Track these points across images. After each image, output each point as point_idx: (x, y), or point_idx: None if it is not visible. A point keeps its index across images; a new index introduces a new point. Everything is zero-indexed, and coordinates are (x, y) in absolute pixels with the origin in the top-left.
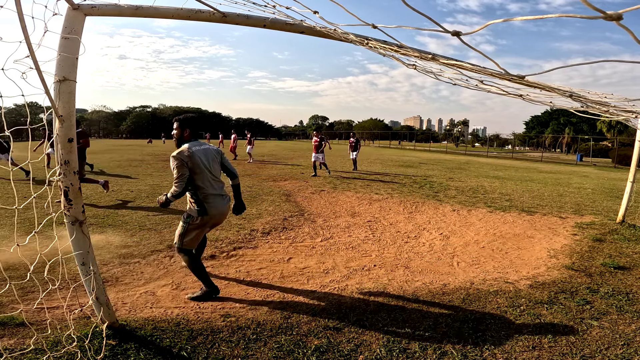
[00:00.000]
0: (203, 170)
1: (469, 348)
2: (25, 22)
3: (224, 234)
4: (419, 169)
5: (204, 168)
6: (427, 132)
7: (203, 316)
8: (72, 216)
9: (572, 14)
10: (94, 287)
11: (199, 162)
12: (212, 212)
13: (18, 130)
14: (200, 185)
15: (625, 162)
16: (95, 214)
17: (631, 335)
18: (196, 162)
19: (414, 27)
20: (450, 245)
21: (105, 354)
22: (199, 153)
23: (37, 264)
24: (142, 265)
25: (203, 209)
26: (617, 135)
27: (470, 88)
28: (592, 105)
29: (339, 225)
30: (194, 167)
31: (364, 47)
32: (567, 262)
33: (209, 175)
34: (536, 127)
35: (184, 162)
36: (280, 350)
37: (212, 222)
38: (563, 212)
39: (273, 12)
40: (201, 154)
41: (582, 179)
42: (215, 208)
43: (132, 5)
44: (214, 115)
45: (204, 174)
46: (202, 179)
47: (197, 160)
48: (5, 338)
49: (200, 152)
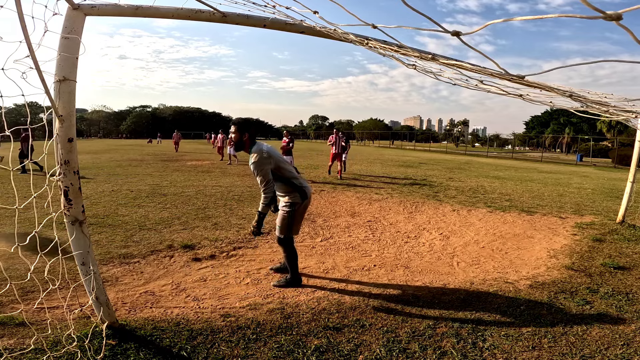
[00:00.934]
0: (284, 161)
1: (469, 348)
2: (25, 21)
3: (224, 234)
4: (419, 169)
5: (283, 159)
6: (427, 132)
7: (203, 316)
8: (72, 216)
9: (572, 14)
10: (93, 287)
11: (277, 156)
12: (309, 194)
13: (18, 130)
14: (290, 176)
15: (625, 162)
16: (95, 214)
17: (631, 335)
18: (276, 157)
19: (413, 27)
20: (450, 245)
21: (105, 353)
22: (271, 149)
23: (37, 264)
24: (142, 265)
25: (303, 193)
26: (617, 135)
27: (470, 88)
28: (592, 105)
29: (338, 225)
30: (278, 162)
31: (364, 47)
32: (567, 262)
33: (288, 164)
34: (536, 127)
35: (266, 165)
36: (280, 350)
37: (308, 204)
38: (563, 212)
39: (273, 12)
40: (272, 149)
41: (582, 179)
42: (309, 189)
43: (132, 5)
44: (214, 115)
45: (286, 164)
46: (289, 169)
47: (276, 155)
48: (5, 338)
49: (271, 148)
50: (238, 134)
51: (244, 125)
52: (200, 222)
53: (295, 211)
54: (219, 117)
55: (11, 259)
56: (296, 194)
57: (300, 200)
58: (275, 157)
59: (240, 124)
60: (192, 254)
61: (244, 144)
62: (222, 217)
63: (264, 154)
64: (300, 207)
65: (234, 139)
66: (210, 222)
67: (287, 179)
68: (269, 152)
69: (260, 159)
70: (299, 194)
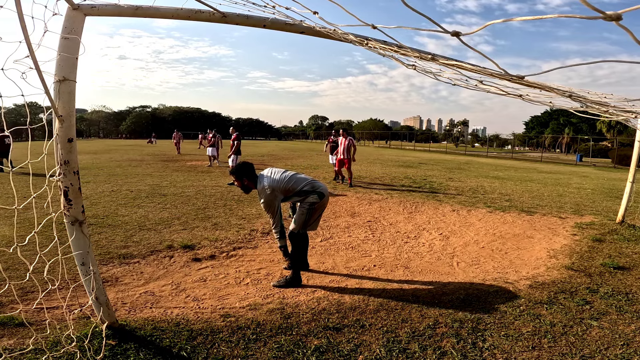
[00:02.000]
0: (289, 179)
1: (469, 348)
2: (25, 21)
3: (223, 234)
4: (418, 169)
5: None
6: (427, 132)
7: (203, 316)
8: (72, 216)
9: (572, 15)
10: (93, 287)
11: (281, 182)
12: (325, 193)
13: (18, 130)
14: (302, 188)
15: (625, 162)
16: (95, 214)
17: (631, 336)
18: (280, 186)
19: (413, 28)
20: (450, 246)
21: (104, 354)
22: (272, 182)
23: (37, 263)
24: (142, 265)
25: (320, 194)
26: (616, 135)
27: (470, 88)
28: (592, 105)
29: (338, 225)
30: (284, 188)
31: (364, 48)
32: (566, 262)
33: (297, 179)
34: (536, 127)
35: (272, 199)
36: (280, 350)
37: (326, 202)
38: (563, 212)
39: (273, 12)
40: (273, 181)
41: (582, 179)
42: (324, 189)
43: (132, 6)
44: (213, 115)
45: (292, 182)
46: (298, 183)
47: (278, 184)
48: (5, 338)
49: (272, 181)
50: (239, 181)
51: (239, 173)
52: (200, 222)
53: (314, 209)
54: (219, 117)
55: (11, 259)
56: (314, 195)
57: (318, 200)
58: (279, 187)
59: (236, 173)
60: (192, 254)
61: (249, 187)
62: (222, 217)
63: (267, 191)
64: (317, 205)
65: (237, 185)
66: (210, 223)
67: (299, 191)
68: (271, 187)
69: (265, 197)
70: (316, 195)
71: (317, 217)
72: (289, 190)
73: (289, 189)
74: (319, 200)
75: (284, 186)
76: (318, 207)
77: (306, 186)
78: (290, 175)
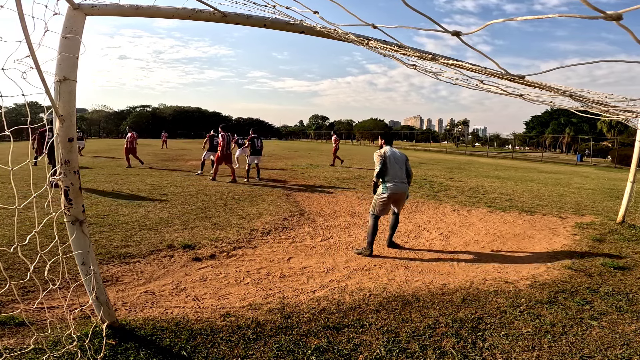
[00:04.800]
0: (393, 164)
1: (469, 348)
2: (25, 21)
3: (223, 234)
4: (419, 169)
5: (393, 163)
6: (428, 132)
7: (203, 316)
8: (72, 216)
9: (573, 14)
10: (94, 287)
11: (390, 158)
12: (392, 190)
13: (18, 130)
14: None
15: (625, 162)
16: (95, 214)
17: (631, 335)
18: (387, 157)
19: (414, 27)
20: (450, 245)
21: (105, 353)
22: (389, 152)
23: (38, 263)
24: (142, 265)
25: (386, 188)
26: (617, 135)
27: (471, 88)
28: (592, 105)
29: (339, 225)
30: (386, 160)
31: (364, 47)
32: (567, 262)
33: (396, 167)
34: (536, 127)
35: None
36: (280, 350)
37: (393, 198)
38: (563, 212)
39: (273, 12)
40: (389, 152)
41: (582, 179)
42: (395, 187)
43: (133, 5)
44: (214, 115)
45: (392, 166)
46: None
47: (389, 157)
48: (5, 338)
49: (389, 152)
50: (381, 139)
51: (382, 135)
52: (200, 222)
53: (379, 198)
54: (219, 117)
55: (12, 259)
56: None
57: (383, 192)
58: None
59: (381, 134)
60: (192, 254)
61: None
62: (222, 217)
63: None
64: (382, 197)
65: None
66: (211, 222)
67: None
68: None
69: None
70: (385, 187)
71: (382, 207)
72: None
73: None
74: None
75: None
76: (382, 199)
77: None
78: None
